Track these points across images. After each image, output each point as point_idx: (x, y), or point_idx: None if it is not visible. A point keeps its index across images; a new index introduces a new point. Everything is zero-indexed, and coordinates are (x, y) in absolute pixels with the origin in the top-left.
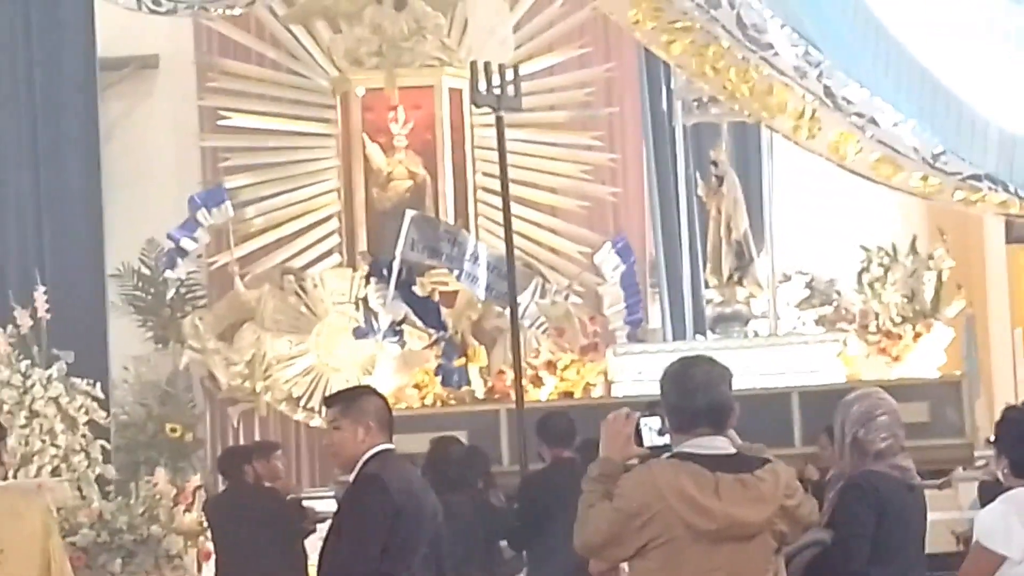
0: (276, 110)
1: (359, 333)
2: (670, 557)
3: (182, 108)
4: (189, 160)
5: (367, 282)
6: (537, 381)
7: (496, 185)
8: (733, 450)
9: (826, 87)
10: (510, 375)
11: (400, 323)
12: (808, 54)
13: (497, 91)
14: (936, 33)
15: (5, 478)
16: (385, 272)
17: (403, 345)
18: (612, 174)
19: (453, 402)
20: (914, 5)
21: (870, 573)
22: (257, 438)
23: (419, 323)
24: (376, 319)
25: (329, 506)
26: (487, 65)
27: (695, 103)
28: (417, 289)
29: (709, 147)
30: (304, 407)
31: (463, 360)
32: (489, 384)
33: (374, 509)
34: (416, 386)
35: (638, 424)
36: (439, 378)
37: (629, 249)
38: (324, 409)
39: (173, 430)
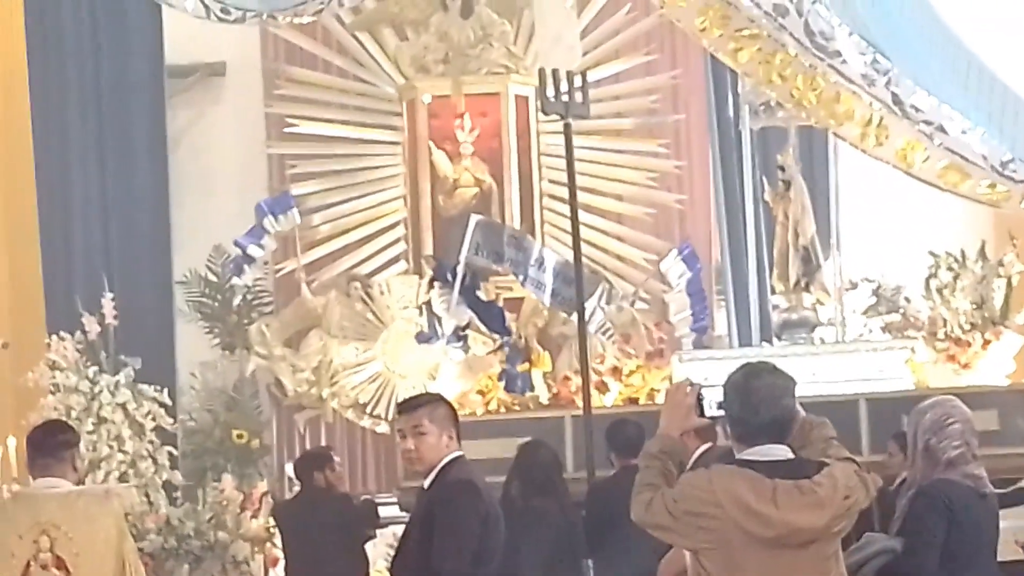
0: (342, 117)
1: (422, 338)
2: (728, 562)
3: (249, 115)
4: (256, 167)
5: (431, 286)
6: (602, 387)
7: (562, 192)
8: (791, 455)
9: (894, 95)
10: (576, 381)
11: (464, 328)
12: (876, 62)
13: (565, 98)
14: (1006, 37)
15: (78, 483)
16: (449, 277)
17: (467, 350)
18: (678, 181)
19: (517, 408)
20: (983, 8)
21: None
22: (323, 444)
23: (483, 328)
24: (440, 324)
25: (390, 512)
26: (555, 72)
27: (762, 107)
28: (481, 294)
29: (776, 152)
30: (371, 414)
31: (527, 365)
32: (554, 390)
33: (469, 514)
34: (480, 392)
35: (699, 394)
36: (503, 383)
37: (695, 256)
38: (398, 415)
39: (240, 436)
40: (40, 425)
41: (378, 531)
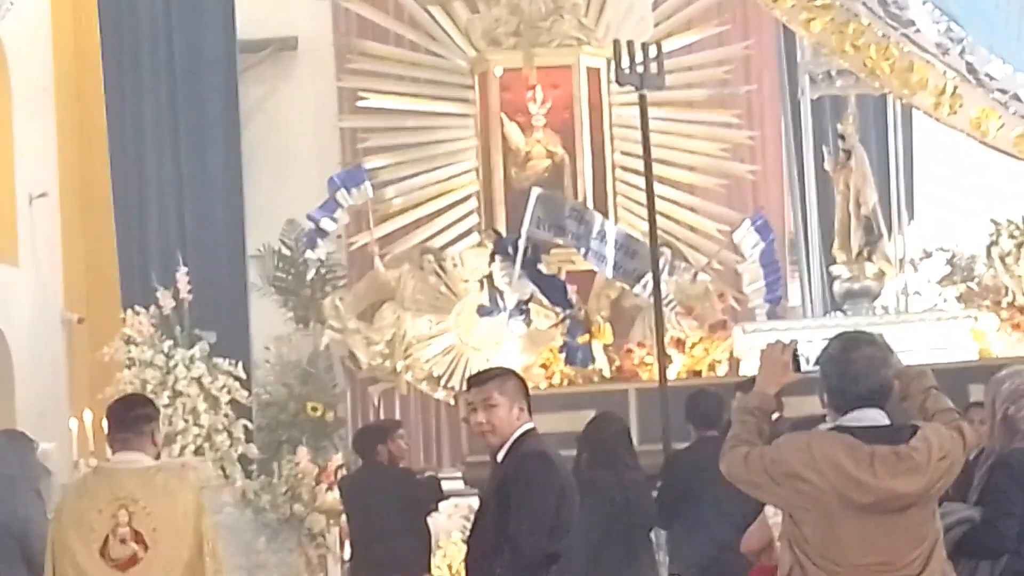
0: (414, 90)
1: (483, 311)
2: (825, 525)
3: (321, 90)
4: (328, 141)
5: (492, 260)
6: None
7: (635, 164)
8: (888, 421)
9: (968, 63)
10: (638, 354)
11: (526, 302)
12: (950, 30)
13: (640, 69)
14: None
15: (157, 458)
16: (510, 250)
17: (529, 324)
18: (751, 152)
19: (580, 382)
20: None
21: (1020, 551)
22: (397, 417)
23: (545, 301)
24: (501, 297)
25: (454, 486)
26: (630, 44)
27: (820, 76)
28: (543, 267)
29: (838, 120)
30: (445, 386)
31: (587, 337)
32: (617, 363)
33: (543, 486)
34: (543, 366)
35: (795, 351)
36: (563, 356)
37: (768, 227)
38: (468, 389)
39: (314, 409)
40: (120, 399)
41: (442, 504)
